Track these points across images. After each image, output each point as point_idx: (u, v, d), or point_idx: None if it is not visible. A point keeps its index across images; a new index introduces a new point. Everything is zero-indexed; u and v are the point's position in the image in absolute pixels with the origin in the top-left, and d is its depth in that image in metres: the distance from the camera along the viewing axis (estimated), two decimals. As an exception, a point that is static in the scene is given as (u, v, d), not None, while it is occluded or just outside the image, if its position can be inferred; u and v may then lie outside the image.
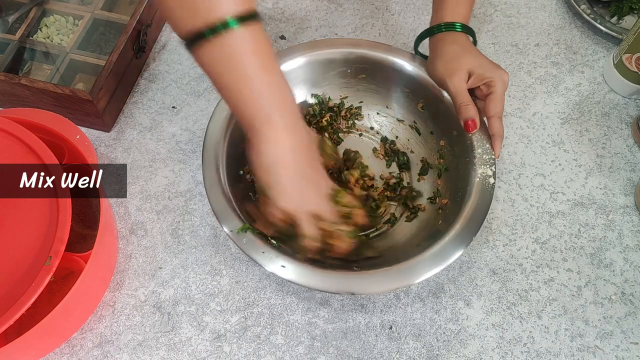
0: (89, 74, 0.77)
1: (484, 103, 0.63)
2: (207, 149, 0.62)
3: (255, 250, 0.56)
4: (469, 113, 0.62)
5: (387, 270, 0.55)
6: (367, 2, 0.89)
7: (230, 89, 0.48)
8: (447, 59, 0.64)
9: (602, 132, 0.77)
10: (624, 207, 0.71)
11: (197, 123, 0.76)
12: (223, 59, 0.47)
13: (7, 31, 0.77)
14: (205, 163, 0.61)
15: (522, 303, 0.64)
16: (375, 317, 0.63)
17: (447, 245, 0.57)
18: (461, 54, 0.63)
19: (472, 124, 0.62)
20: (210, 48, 0.46)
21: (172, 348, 0.60)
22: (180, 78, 0.80)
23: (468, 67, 0.62)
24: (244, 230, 0.56)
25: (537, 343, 0.62)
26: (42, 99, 0.71)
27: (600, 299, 0.65)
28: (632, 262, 0.67)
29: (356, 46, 0.70)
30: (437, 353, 0.61)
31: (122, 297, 0.63)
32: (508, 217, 0.70)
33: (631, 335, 0.63)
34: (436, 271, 0.55)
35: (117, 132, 0.75)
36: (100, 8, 0.79)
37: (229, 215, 0.58)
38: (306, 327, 0.62)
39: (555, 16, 0.88)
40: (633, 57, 0.75)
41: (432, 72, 0.66)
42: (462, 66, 0.62)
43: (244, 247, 0.56)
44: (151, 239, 0.67)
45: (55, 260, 0.53)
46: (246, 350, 0.61)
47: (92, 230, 0.66)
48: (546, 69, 0.82)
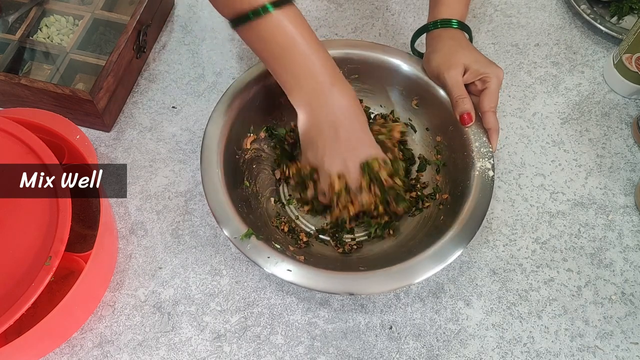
0: (89, 74, 0.77)
1: (478, 99, 0.63)
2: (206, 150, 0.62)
3: (260, 255, 0.56)
4: (465, 106, 0.63)
5: (386, 270, 0.55)
6: (367, 2, 0.89)
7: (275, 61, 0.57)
8: (444, 54, 0.64)
9: (602, 132, 0.77)
10: (624, 207, 0.71)
11: (197, 123, 0.76)
12: (265, 36, 0.55)
13: (7, 31, 0.77)
14: (204, 167, 0.61)
15: (522, 303, 0.64)
16: (375, 317, 0.63)
17: (447, 244, 0.57)
18: (458, 50, 0.64)
19: (467, 117, 0.63)
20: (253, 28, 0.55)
21: (172, 348, 0.60)
22: (180, 78, 0.80)
23: (464, 62, 0.63)
24: (247, 236, 0.56)
25: (537, 343, 0.62)
26: (42, 99, 0.71)
27: (600, 299, 0.65)
28: (632, 262, 0.67)
29: (347, 47, 0.70)
30: (437, 353, 0.61)
31: (122, 297, 0.63)
32: (508, 217, 0.70)
33: (631, 335, 0.63)
34: (435, 271, 0.55)
35: (117, 132, 0.75)
36: (100, 8, 0.79)
37: (230, 219, 0.57)
38: (306, 327, 0.62)
39: (555, 16, 0.88)
40: (633, 57, 0.75)
41: (428, 66, 0.66)
42: (459, 61, 0.63)
43: (249, 252, 0.56)
44: (151, 239, 0.67)
45: (55, 260, 0.53)
46: (246, 350, 0.61)
47: (92, 230, 0.66)
48: (546, 69, 0.82)
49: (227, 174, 0.61)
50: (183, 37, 0.84)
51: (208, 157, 0.61)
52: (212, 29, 0.85)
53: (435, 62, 0.64)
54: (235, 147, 0.65)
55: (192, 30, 0.85)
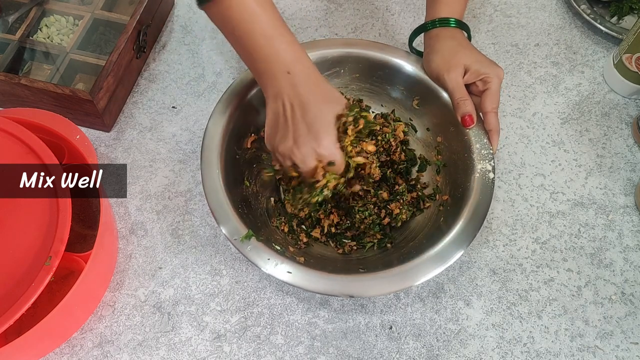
0: (89, 74, 0.77)
1: (479, 99, 0.63)
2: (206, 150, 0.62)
3: (260, 257, 0.56)
4: (467, 108, 0.62)
5: (386, 272, 0.55)
6: (367, 2, 0.89)
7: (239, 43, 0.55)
8: (444, 54, 0.64)
9: (602, 132, 0.77)
10: (624, 207, 0.71)
11: (197, 123, 0.76)
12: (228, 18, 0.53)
13: (7, 31, 0.77)
14: (204, 166, 0.61)
15: (522, 303, 0.64)
16: (375, 317, 0.63)
17: (447, 246, 0.57)
18: (458, 50, 0.63)
19: (469, 119, 0.62)
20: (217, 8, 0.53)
21: (172, 348, 0.60)
22: (180, 78, 0.80)
23: (465, 62, 0.62)
24: (247, 237, 0.56)
25: (537, 343, 0.62)
26: (42, 99, 0.71)
27: (600, 299, 0.65)
28: (632, 262, 0.67)
29: (349, 46, 0.70)
30: (437, 353, 0.61)
31: (122, 297, 0.63)
32: (508, 217, 0.70)
33: (631, 335, 0.63)
34: (436, 273, 0.55)
35: (117, 132, 0.75)
36: (100, 8, 0.79)
37: (230, 220, 0.57)
38: (306, 327, 0.62)
39: (555, 16, 0.88)
40: (633, 57, 0.75)
41: (428, 67, 0.66)
42: (459, 62, 0.63)
43: (249, 254, 0.56)
44: (151, 239, 0.67)
45: (55, 260, 0.53)
46: (246, 350, 0.61)
47: (92, 230, 0.66)
48: (546, 69, 0.82)
49: (227, 174, 0.61)
50: (183, 37, 0.84)
51: (208, 156, 0.61)
52: (212, 29, 0.85)
53: (435, 63, 0.64)
54: (236, 147, 0.65)
55: (192, 30, 0.85)
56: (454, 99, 0.63)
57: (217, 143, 0.62)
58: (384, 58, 0.69)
